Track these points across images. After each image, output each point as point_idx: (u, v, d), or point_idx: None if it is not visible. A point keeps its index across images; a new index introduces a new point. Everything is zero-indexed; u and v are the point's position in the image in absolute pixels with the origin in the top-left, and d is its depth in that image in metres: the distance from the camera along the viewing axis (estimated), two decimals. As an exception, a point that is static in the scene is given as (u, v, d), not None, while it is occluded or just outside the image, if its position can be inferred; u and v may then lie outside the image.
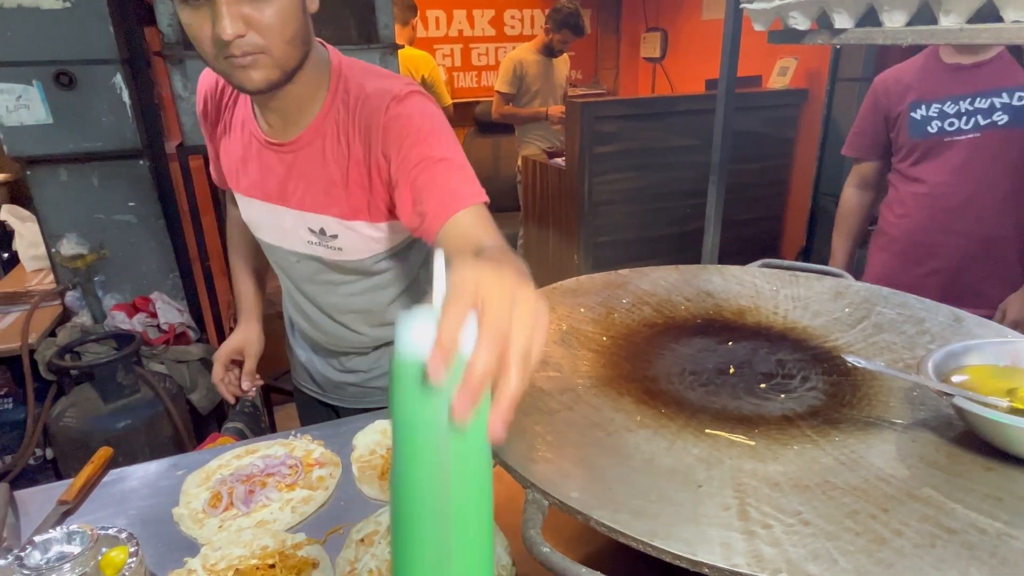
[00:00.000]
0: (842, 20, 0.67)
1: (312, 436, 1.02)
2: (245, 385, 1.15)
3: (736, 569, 0.45)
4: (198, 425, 1.98)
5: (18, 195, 2.95)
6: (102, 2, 1.68)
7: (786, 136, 3.20)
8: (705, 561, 0.46)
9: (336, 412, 1.27)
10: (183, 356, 1.97)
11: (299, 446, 0.98)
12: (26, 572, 0.66)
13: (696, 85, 3.96)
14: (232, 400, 1.14)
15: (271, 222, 1.02)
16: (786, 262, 1.12)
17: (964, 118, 1.50)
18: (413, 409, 0.36)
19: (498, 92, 3.55)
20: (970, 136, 1.51)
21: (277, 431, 1.36)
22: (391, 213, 0.93)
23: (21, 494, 0.92)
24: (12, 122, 1.68)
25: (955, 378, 0.63)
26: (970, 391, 0.59)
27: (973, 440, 0.59)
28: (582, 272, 2.35)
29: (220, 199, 1.94)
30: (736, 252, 2.02)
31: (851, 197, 1.84)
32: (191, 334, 2.02)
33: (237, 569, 0.72)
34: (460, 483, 0.36)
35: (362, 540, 0.78)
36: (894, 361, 0.78)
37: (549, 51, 3.53)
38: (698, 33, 4.05)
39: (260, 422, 1.37)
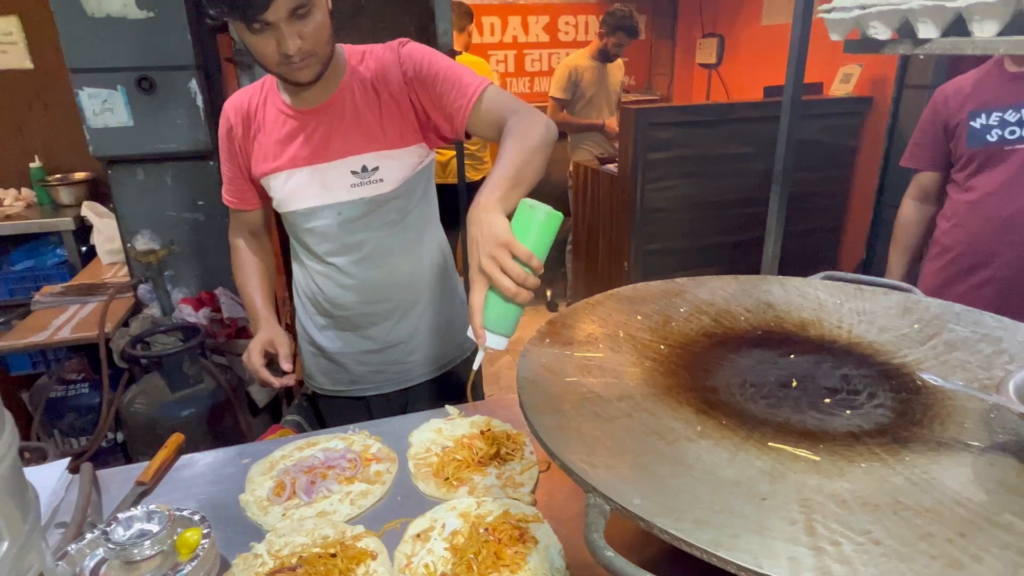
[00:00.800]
0: (927, 30, 0.64)
1: (369, 432, 1.04)
2: (286, 366, 1.20)
3: (805, 585, 0.44)
4: (255, 417, 2.06)
5: (97, 193, 3.13)
6: (182, 12, 1.77)
7: (848, 145, 3.10)
8: (771, 574, 0.45)
9: (366, 406, 1.34)
10: (243, 350, 2.04)
11: (357, 441, 1.01)
12: (111, 546, 0.70)
13: (753, 92, 3.88)
14: (276, 383, 1.19)
15: (314, 182, 1.16)
16: (849, 275, 1.09)
17: None
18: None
19: (553, 98, 3.56)
20: None
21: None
22: (418, 132, 1.15)
23: (101, 473, 0.97)
24: (97, 124, 1.79)
25: (1039, 401, 0.61)
26: (1056, 415, 0.56)
27: (1058, 467, 0.57)
28: (631, 279, 2.34)
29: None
30: (792, 263, 1.96)
31: (909, 209, 1.78)
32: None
33: (300, 556, 0.75)
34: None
35: (418, 536, 0.79)
36: (969, 381, 0.75)
37: (604, 56, 3.52)
38: (757, 39, 3.96)
39: (318, 417, 1.41)
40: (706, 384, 0.77)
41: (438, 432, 1.03)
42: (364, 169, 1.14)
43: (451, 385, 1.35)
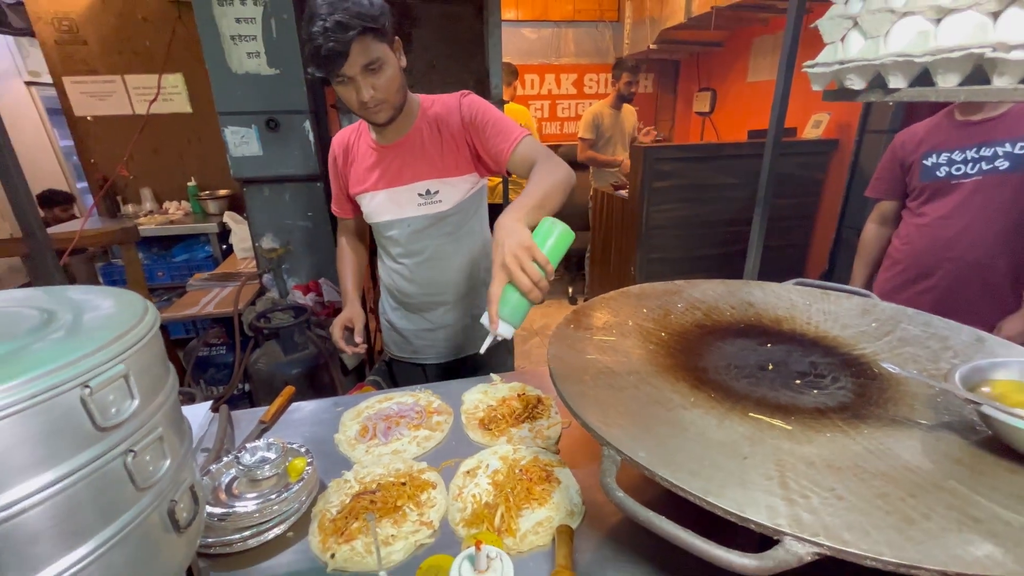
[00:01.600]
0: (896, 81, 0.60)
1: (432, 391, 1.05)
2: (357, 339, 1.25)
3: (780, 528, 0.42)
4: (345, 375, 2.10)
5: (235, 205, 3.24)
6: (299, 70, 1.81)
7: (816, 178, 2.96)
8: (752, 519, 0.43)
9: (423, 370, 1.35)
10: (338, 325, 2.09)
11: (422, 397, 1.02)
12: (241, 467, 0.72)
13: (738, 134, 3.75)
14: (348, 351, 1.24)
15: (391, 201, 1.16)
16: (818, 281, 1.04)
17: (970, 164, 1.39)
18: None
19: (581, 139, 3.51)
20: (973, 179, 1.40)
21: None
22: (471, 165, 1.14)
23: (234, 413, 1.00)
24: (237, 153, 1.85)
25: (981, 390, 0.57)
26: (996, 402, 0.53)
27: (997, 445, 0.53)
28: (637, 281, 2.29)
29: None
30: (768, 272, 1.88)
31: (871, 231, 1.70)
32: (345, 310, 2.14)
33: (379, 483, 0.76)
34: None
35: (468, 472, 0.79)
36: (920, 371, 0.71)
37: (620, 100, 3.46)
38: (743, 92, 3.83)
39: (392, 376, 1.43)
40: (698, 365, 0.75)
41: (484, 393, 1.02)
42: (428, 192, 1.14)
43: (488, 360, 1.35)
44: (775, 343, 0.82)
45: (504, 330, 0.76)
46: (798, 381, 0.70)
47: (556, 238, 0.77)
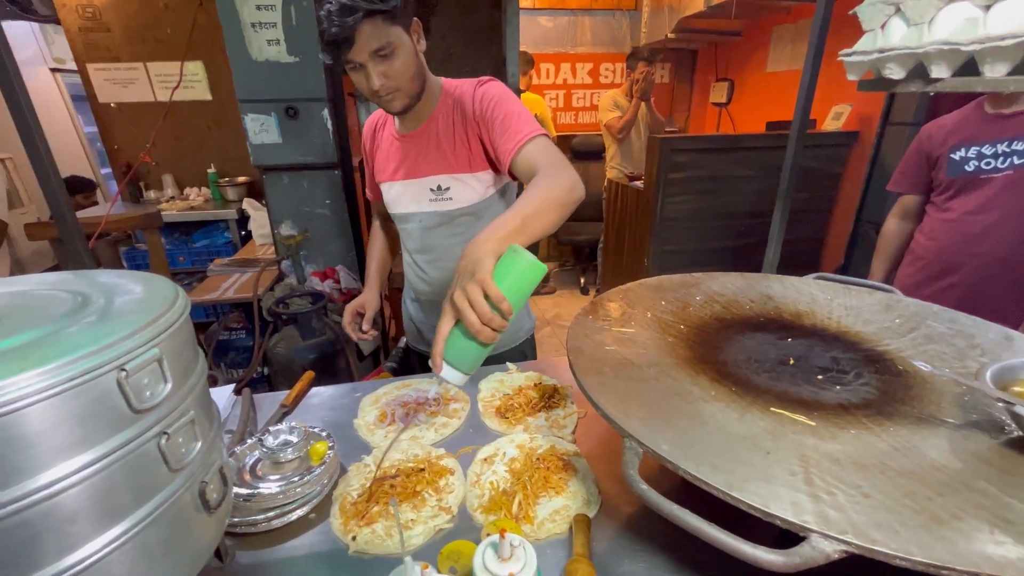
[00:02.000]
0: (939, 70, 0.58)
1: (449, 379, 1.05)
2: (365, 327, 1.21)
3: (806, 525, 0.41)
4: (361, 360, 2.11)
5: (253, 192, 3.26)
6: (318, 57, 1.80)
7: (834, 171, 2.90)
8: (777, 514, 0.43)
9: None
10: (354, 312, 2.10)
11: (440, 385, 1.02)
12: (264, 450, 0.73)
13: (755, 126, 3.67)
14: (356, 338, 1.20)
15: (405, 193, 1.11)
16: (838, 276, 1.02)
17: (1001, 158, 1.33)
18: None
19: (607, 124, 3.46)
20: (1004, 173, 1.34)
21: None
22: (485, 163, 1.04)
23: (257, 397, 1.02)
24: (257, 141, 1.85)
25: (1013, 389, 0.55)
26: (1029, 402, 0.51)
27: (1028, 445, 0.51)
28: (650, 273, 2.27)
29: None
30: (782, 266, 1.86)
31: (893, 225, 1.65)
32: (361, 297, 2.15)
33: (398, 468, 0.76)
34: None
35: (485, 459, 0.80)
36: (948, 370, 0.69)
37: (632, 91, 3.40)
38: (762, 83, 3.74)
39: (409, 363, 1.44)
40: (718, 358, 0.74)
41: (500, 382, 1.02)
42: (439, 188, 1.07)
43: (508, 353, 1.30)
44: (796, 338, 0.80)
45: (451, 375, 0.67)
46: (820, 376, 0.69)
47: (519, 273, 0.65)
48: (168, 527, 0.43)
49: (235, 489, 0.68)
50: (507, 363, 1.11)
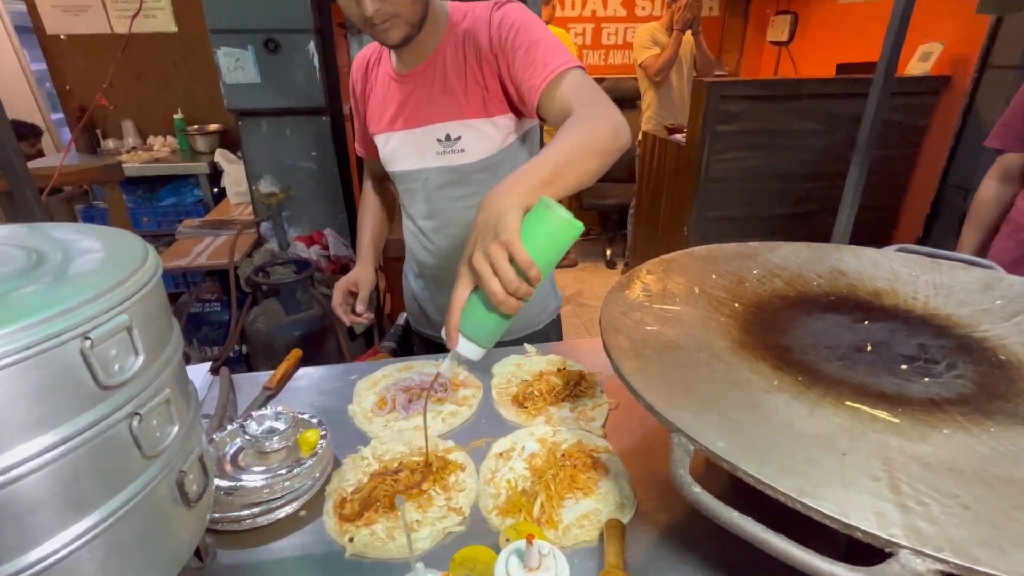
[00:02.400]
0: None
1: (458, 361, 1.04)
2: (359, 308, 1.19)
3: (894, 539, 0.40)
4: (353, 339, 2.13)
5: (227, 142, 3.25)
6: (303, -21, 1.76)
7: (917, 124, 2.80)
8: (859, 526, 0.42)
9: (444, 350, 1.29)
10: (345, 284, 2.11)
11: (447, 368, 1.02)
12: (247, 438, 0.74)
13: (822, 69, 3.55)
14: (348, 323, 1.18)
15: (406, 146, 1.07)
16: (926, 248, 0.99)
17: None
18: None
19: (642, 64, 3.37)
20: None
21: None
22: (504, 105, 0.99)
23: (236, 377, 1.02)
24: (231, 80, 1.83)
25: None
26: None
27: None
28: (691, 243, 2.24)
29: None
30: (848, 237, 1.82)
31: (990, 189, 1.59)
32: (352, 267, 2.15)
33: (401, 462, 0.76)
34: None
35: (501, 454, 0.79)
36: (1058, 359, 0.66)
37: (684, 27, 3.30)
38: (832, 17, 3.59)
39: (410, 343, 1.44)
40: (780, 343, 0.72)
41: (517, 366, 1.02)
42: (447, 138, 1.02)
43: (530, 336, 1.29)
44: (874, 320, 0.78)
45: (468, 350, 0.65)
46: (904, 366, 0.67)
47: (551, 232, 0.61)
48: (143, 521, 0.43)
49: (216, 481, 0.69)
50: (525, 344, 1.10)
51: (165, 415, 0.45)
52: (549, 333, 1.28)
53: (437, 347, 1.31)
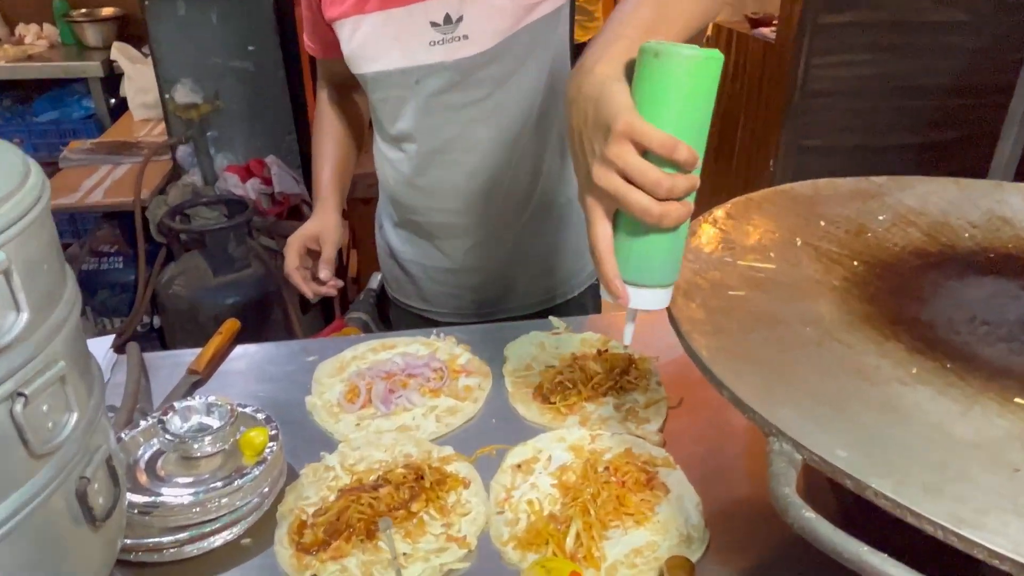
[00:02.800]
0: None
1: (457, 338, 1.05)
2: (323, 274, 1.17)
3: (1094, 587, 0.39)
4: (305, 312, 2.14)
5: (129, 33, 3.21)
6: None
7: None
8: (1042, 568, 0.41)
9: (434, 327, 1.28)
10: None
11: (443, 348, 1.02)
12: (168, 438, 0.74)
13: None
14: (310, 295, 1.17)
15: (383, 34, 1.05)
16: None
17: None
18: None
19: None
20: None
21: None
22: None
23: (148, 357, 1.03)
24: (133, -60, 1.79)
25: None
26: None
27: None
28: (777, 182, 2.21)
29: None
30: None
31: None
32: (306, 210, 2.14)
33: (382, 476, 0.76)
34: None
35: (519, 467, 0.80)
36: None
37: None
38: None
39: (386, 313, 1.44)
40: (919, 317, 0.72)
41: (540, 347, 1.02)
42: (447, 20, 1.02)
43: (563, 308, 1.29)
44: (1053, 287, 0.77)
45: (645, 299, 0.64)
46: (1097, 351, 0.66)
47: (680, 83, 0.57)
48: (32, 547, 0.43)
49: (128, 496, 0.70)
50: (551, 318, 1.10)
51: (60, 398, 0.45)
52: (585, 303, 1.29)
53: (427, 321, 1.31)
